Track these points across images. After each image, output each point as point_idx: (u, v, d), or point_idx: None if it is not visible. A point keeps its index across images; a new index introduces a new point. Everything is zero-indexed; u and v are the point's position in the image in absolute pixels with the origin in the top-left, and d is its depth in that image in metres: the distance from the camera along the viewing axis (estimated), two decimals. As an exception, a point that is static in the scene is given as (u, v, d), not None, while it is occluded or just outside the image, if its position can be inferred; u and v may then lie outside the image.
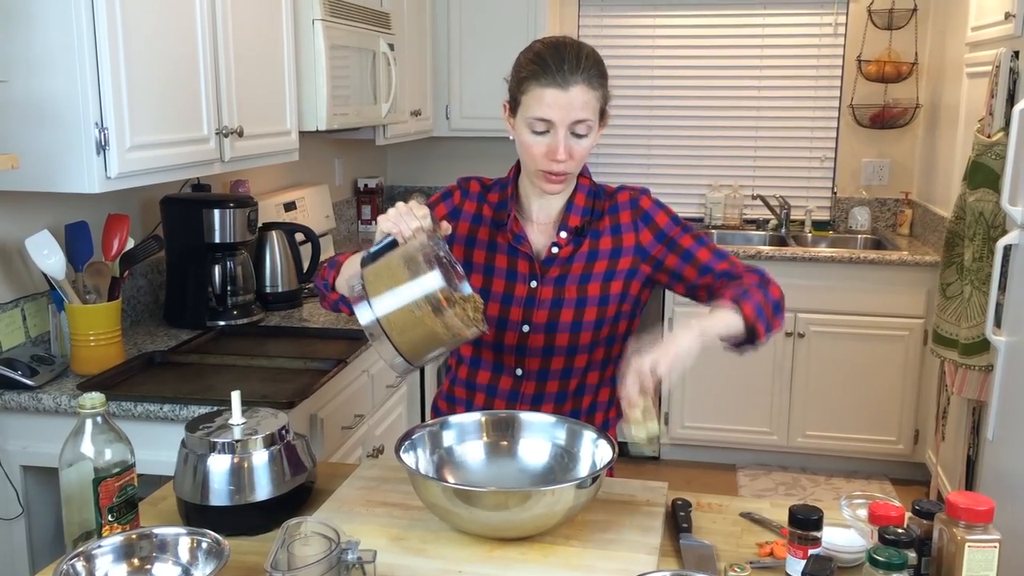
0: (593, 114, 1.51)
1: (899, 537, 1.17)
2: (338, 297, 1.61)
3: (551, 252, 1.62)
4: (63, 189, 1.90)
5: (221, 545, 1.20)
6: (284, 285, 2.78)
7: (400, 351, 1.33)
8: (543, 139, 1.51)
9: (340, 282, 1.57)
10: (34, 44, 1.84)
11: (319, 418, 2.22)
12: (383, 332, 1.32)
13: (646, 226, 1.63)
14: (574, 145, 1.51)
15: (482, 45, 4.13)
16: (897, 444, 3.90)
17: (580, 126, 1.50)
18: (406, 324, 1.31)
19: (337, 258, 1.65)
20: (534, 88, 1.49)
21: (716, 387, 3.97)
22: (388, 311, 1.32)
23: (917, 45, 4.17)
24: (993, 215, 2.85)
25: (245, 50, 2.41)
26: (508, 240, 1.62)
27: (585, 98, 1.49)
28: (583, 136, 1.52)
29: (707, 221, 4.42)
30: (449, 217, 1.64)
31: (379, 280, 1.34)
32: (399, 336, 1.32)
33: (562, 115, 1.48)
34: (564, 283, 1.62)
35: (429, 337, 1.33)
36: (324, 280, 1.64)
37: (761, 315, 1.50)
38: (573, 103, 1.48)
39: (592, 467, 1.42)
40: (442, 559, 1.27)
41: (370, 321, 1.32)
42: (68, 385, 2.03)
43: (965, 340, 2.98)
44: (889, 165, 4.35)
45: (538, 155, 1.52)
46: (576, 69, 1.48)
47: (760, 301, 1.51)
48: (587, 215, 1.63)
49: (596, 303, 1.63)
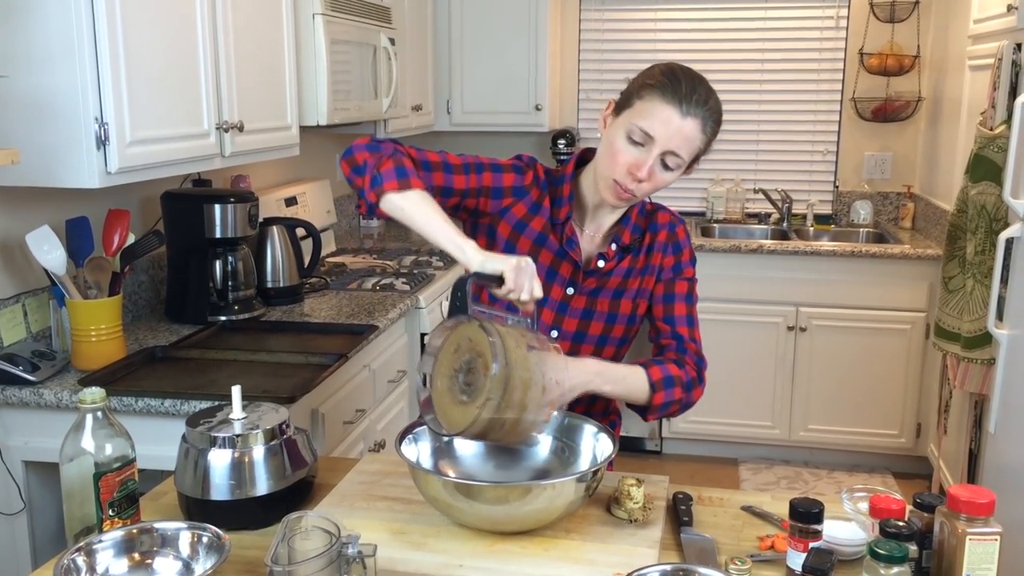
0: (689, 154, 1.50)
1: (900, 530, 1.17)
2: (375, 201, 1.45)
3: (596, 264, 1.60)
4: (63, 184, 1.90)
5: (222, 539, 1.20)
6: (285, 280, 2.78)
7: (462, 433, 1.31)
8: (634, 151, 1.48)
9: (398, 204, 1.44)
10: (34, 39, 1.84)
11: (320, 413, 2.23)
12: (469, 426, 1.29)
13: (673, 253, 1.65)
14: (658, 172, 1.49)
15: (483, 39, 4.12)
16: (899, 438, 3.90)
17: (673, 158, 1.49)
18: (491, 429, 1.30)
19: (391, 151, 1.48)
20: (655, 99, 1.47)
21: (718, 381, 3.95)
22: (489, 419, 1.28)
23: (919, 38, 4.16)
24: (995, 208, 2.84)
25: (246, 45, 2.40)
26: (559, 240, 1.59)
27: (693, 135, 1.48)
28: (669, 169, 1.50)
29: (709, 215, 4.41)
30: (513, 193, 1.59)
31: (503, 394, 1.28)
32: (475, 430, 1.30)
33: (666, 137, 1.46)
34: (598, 295, 1.61)
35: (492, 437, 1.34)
36: (376, 172, 1.45)
37: (667, 389, 1.55)
38: (682, 131, 1.47)
39: (593, 461, 1.42)
40: (443, 553, 1.27)
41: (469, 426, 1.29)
42: (69, 380, 2.03)
43: (967, 334, 2.97)
44: (891, 158, 4.34)
45: (622, 164, 1.49)
46: (702, 104, 1.48)
47: (676, 381, 1.56)
48: (637, 232, 1.62)
49: (625, 321, 1.64)
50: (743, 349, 3.93)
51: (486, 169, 1.58)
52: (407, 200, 1.44)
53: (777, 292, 3.86)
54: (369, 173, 1.46)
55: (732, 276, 3.86)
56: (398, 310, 2.71)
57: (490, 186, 1.58)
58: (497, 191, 1.58)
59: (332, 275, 3.14)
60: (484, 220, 1.60)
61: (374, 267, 3.29)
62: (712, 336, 3.87)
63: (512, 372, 1.26)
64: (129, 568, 1.20)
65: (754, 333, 3.91)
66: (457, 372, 1.32)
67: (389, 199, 1.44)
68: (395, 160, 1.46)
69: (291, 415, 1.48)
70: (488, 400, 1.25)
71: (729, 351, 3.93)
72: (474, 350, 1.31)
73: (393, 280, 3.01)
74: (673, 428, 4.08)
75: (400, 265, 3.33)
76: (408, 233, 4.07)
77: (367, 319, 2.57)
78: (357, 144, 1.51)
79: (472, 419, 1.26)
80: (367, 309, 2.68)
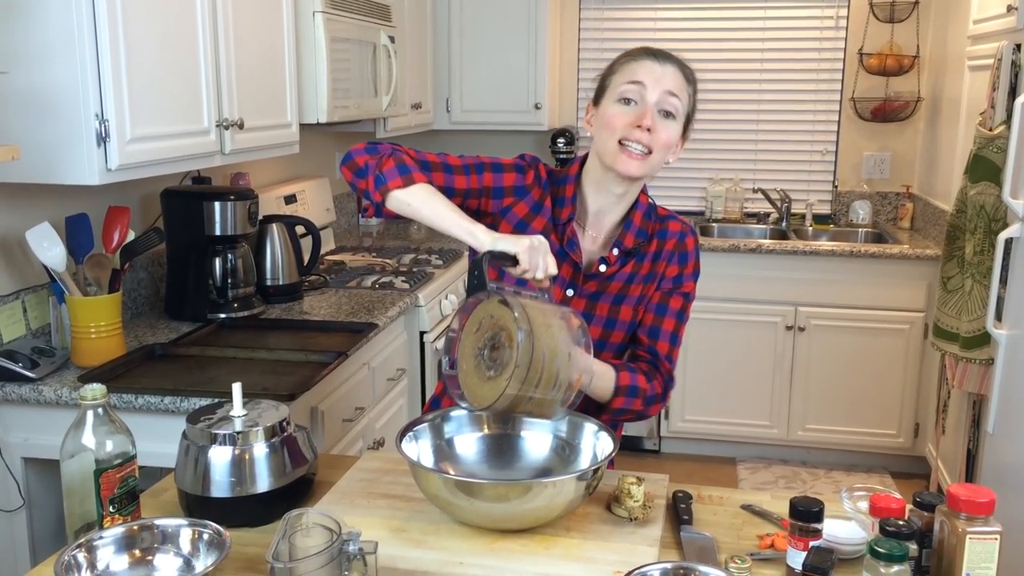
0: (683, 98, 1.51)
1: (900, 529, 1.17)
2: (381, 200, 1.47)
3: (598, 267, 1.59)
4: (63, 181, 1.90)
5: (222, 536, 1.20)
6: (285, 278, 2.78)
7: (491, 406, 1.31)
8: (630, 108, 1.49)
9: (403, 200, 1.45)
10: (34, 35, 1.83)
11: (320, 410, 2.23)
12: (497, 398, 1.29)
13: (677, 264, 1.63)
14: (660, 123, 1.49)
15: (483, 37, 4.12)
16: (897, 438, 3.91)
17: (670, 100, 1.49)
18: (520, 401, 1.31)
19: (389, 151, 1.49)
20: (629, 63, 1.51)
21: (716, 381, 3.97)
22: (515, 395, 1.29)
23: (919, 38, 4.17)
24: (994, 208, 2.85)
25: (246, 42, 2.40)
26: (560, 241, 1.58)
27: (678, 79, 1.50)
28: (671, 117, 1.50)
29: (708, 215, 4.41)
30: (514, 192, 1.59)
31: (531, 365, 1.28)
32: (504, 403, 1.29)
33: (654, 80, 1.48)
34: (598, 299, 1.60)
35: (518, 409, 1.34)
36: (379, 172, 1.46)
37: (628, 397, 1.55)
38: (667, 74, 1.49)
39: (593, 459, 1.42)
40: (443, 551, 1.27)
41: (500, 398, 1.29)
42: (69, 377, 2.03)
43: (966, 334, 2.97)
44: (890, 158, 4.35)
45: (622, 123, 1.48)
46: (672, 58, 1.52)
47: (640, 392, 1.56)
48: (641, 236, 1.60)
49: (625, 328, 1.62)
50: (742, 349, 3.93)
51: (486, 169, 1.58)
52: (412, 195, 1.45)
53: (776, 292, 3.86)
54: (372, 174, 1.47)
55: (731, 276, 3.86)
56: (397, 308, 2.71)
57: (491, 186, 1.58)
58: (498, 191, 1.58)
59: (331, 273, 3.14)
60: (486, 220, 1.60)
61: (373, 265, 3.29)
62: (711, 336, 3.93)
63: (537, 341, 1.26)
64: (130, 565, 1.20)
65: (753, 333, 3.92)
66: (481, 350, 1.33)
67: (394, 196, 1.46)
68: (395, 159, 1.48)
69: (291, 412, 1.48)
70: (516, 368, 1.25)
71: (728, 351, 3.93)
72: (496, 325, 1.31)
73: (392, 278, 3.01)
74: (671, 427, 4.08)
75: (399, 263, 3.33)
76: (407, 231, 4.06)
77: (366, 317, 2.57)
78: (355, 148, 1.53)
79: (500, 391, 1.26)
80: (366, 307, 2.68)
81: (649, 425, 4.11)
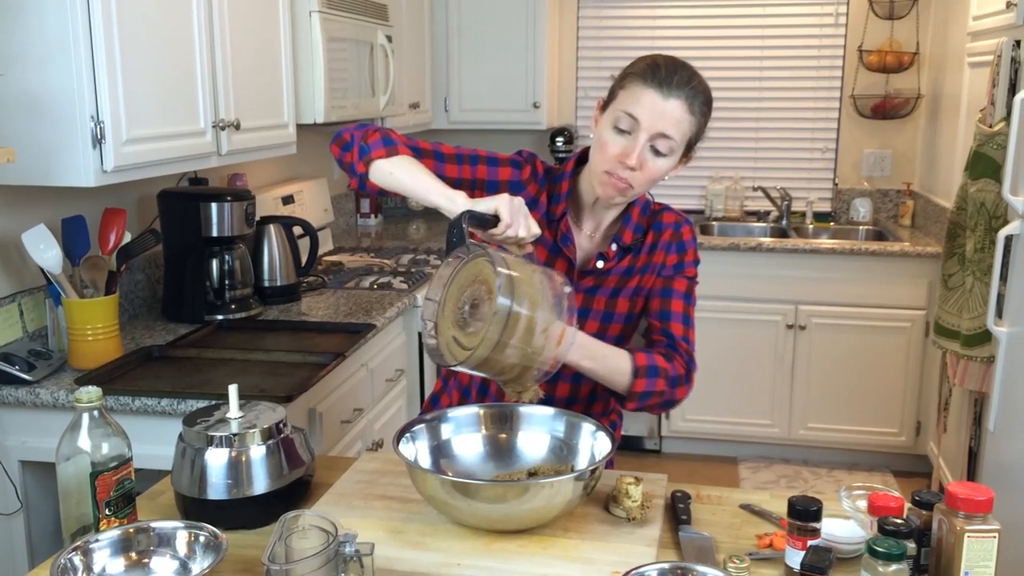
0: (680, 137, 1.47)
1: (898, 528, 1.16)
2: (364, 171, 1.49)
3: (595, 264, 1.59)
4: (59, 183, 1.90)
5: (219, 539, 1.20)
6: (282, 279, 2.78)
7: (468, 359, 1.28)
8: (622, 139, 1.47)
9: (386, 170, 1.47)
10: (29, 37, 1.83)
11: (318, 412, 2.22)
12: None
13: (676, 252, 1.62)
14: (648, 160, 1.47)
15: (481, 37, 4.11)
16: (899, 436, 3.90)
17: (663, 142, 1.46)
18: (497, 354, 1.28)
19: (376, 128, 1.51)
20: (636, 85, 1.46)
21: (717, 380, 3.96)
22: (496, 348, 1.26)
23: (919, 35, 4.16)
24: (995, 205, 2.84)
25: (242, 42, 2.39)
26: (554, 237, 1.58)
27: (679, 116, 1.45)
28: (661, 155, 1.47)
29: (708, 213, 4.41)
30: (509, 187, 1.58)
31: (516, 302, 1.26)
32: (482, 352, 1.27)
33: (650, 120, 1.44)
34: (595, 294, 1.60)
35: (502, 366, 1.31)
36: (364, 143, 1.50)
37: (649, 378, 1.51)
38: (667, 112, 1.44)
39: (591, 459, 1.42)
40: (441, 552, 1.27)
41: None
42: (65, 380, 2.02)
43: (967, 331, 2.97)
44: (891, 156, 4.34)
45: (610, 154, 1.47)
46: (683, 86, 1.45)
47: (661, 372, 1.52)
48: (639, 232, 1.60)
49: (623, 320, 1.62)
50: (742, 347, 3.92)
51: (481, 162, 1.58)
52: (394, 164, 1.47)
53: (776, 290, 3.86)
54: (356, 145, 1.51)
55: (731, 274, 3.85)
56: (396, 309, 2.71)
57: (484, 179, 1.57)
58: (492, 184, 1.57)
59: (329, 274, 3.13)
60: None
61: (371, 265, 3.28)
62: (711, 334, 3.91)
63: (518, 287, 1.25)
64: (126, 567, 1.20)
65: (753, 331, 3.91)
66: (462, 307, 1.31)
67: (377, 166, 1.48)
68: (382, 132, 1.51)
69: (288, 414, 1.47)
70: (495, 314, 1.23)
71: (728, 349, 3.93)
72: (477, 279, 1.30)
73: (391, 279, 3.00)
74: (672, 427, 4.08)
75: (398, 264, 3.33)
76: (406, 231, 4.06)
77: (364, 318, 2.56)
78: (345, 127, 1.55)
79: (480, 338, 1.24)
80: (364, 308, 2.67)
81: (650, 425, 4.10)
